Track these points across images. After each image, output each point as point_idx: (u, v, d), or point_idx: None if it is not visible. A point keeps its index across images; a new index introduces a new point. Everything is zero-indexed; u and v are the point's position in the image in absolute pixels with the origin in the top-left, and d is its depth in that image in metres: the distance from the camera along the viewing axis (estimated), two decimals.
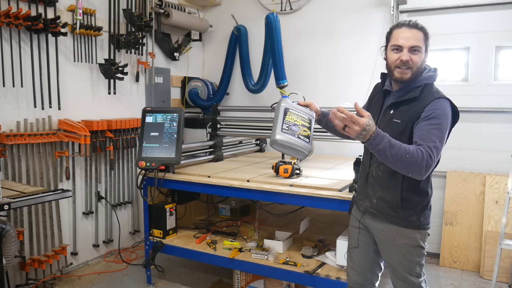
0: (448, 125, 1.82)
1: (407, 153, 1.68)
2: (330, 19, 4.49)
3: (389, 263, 2.03)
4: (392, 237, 1.96)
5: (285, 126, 2.00)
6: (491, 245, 3.56)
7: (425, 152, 1.70)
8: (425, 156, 1.69)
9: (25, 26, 3.05)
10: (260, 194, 2.90)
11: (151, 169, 3.14)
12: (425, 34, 1.87)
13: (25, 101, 3.19)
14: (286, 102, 2.11)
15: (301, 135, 2.01)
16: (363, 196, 2.08)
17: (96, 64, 3.74)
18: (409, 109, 1.87)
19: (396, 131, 1.87)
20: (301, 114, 2.09)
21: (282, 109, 2.07)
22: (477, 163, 3.86)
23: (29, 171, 3.19)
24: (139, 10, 4.05)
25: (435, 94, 1.86)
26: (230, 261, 3.02)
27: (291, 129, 2.00)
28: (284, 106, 2.08)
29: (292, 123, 2.02)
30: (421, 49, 1.86)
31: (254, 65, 4.79)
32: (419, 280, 1.98)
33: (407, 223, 1.92)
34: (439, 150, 1.75)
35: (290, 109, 2.07)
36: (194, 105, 4.96)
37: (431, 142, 1.72)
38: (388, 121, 1.94)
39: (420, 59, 1.87)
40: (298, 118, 2.06)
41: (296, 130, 2.00)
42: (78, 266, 3.73)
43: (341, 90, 4.39)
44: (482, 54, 3.81)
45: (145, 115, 3.22)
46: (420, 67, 1.88)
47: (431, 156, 1.70)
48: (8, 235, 2.58)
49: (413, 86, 1.90)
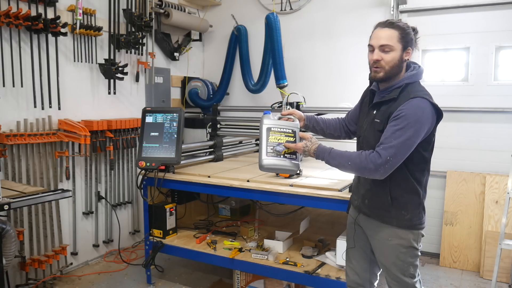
0: (420, 124, 1.77)
1: (349, 160, 1.84)
2: (330, 19, 4.49)
3: (382, 264, 2.04)
4: (385, 237, 1.96)
5: (269, 149, 2.01)
6: (491, 245, 3.56)
7: (371, 153, 1.79)
8: (370, 158, 1.78)
9: (25, 26, 3.05)
10: (260, 194, 2.91)
11: (151, 169, 3.14)
12: (401, 32, 1.84)
13: (25, 101, 3.19)
14: (267, 119, 2.09)
15: (287, 154, 2.02)
16: (357, 196, 2.10)
17: (96, 64, 3.74)
18: (387, 109, 1.88)
19: (376, 131, 1.90)
20: (284, 129, 2.07)
21: (264, 130, 2.06)
22: (477, 163, 3.86)
23: (29, 171, 3.19)
24: (139, 10, 4.05)
25: (411, 94, 1.83)
26: (230, 261, 3.02)
27: (275, 150, 2.01)
28: (265, 126, 2.06)
29: (276, 143, 2.03)
30: (393, 47, 1.83)
31: (254, 65, 4.79)
32: (413, 281, 1.97)
33: (399, 223, 1.91)
34: (399, 148, 1.75)
35: (272, 127, 2.06)
36: (194, 105, 4.96)
37: (386, 144, 1.77)
38: (371, 121, 1.96)
39: (393, 58, 1.84)
40: (281, 135, 2.05)
41: (280, 150, 2.01)
42: (78, 266, 3.73)
43: (341, 90, 4.39)
44: (482, 54, 3.80)
45: (145, 115, 3.22)
46: (395, 66, 1.86)
47: (381, 155, 1.76)
48: (8, 235, 2.58)
49: (395, 87, 1.90)
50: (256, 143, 4.63)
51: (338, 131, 2.27)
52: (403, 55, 1.86)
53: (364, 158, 1.80)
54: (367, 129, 1.98)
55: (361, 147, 2.04)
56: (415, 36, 1.90)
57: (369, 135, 1.96)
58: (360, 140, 2.05)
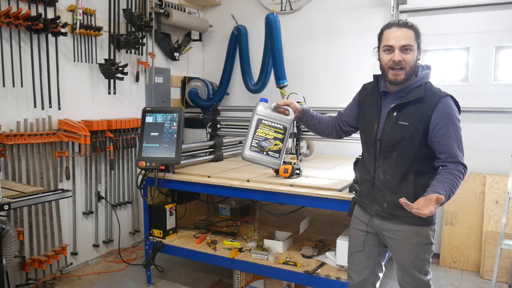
0: (460, 122, 1.86)
1: (456, 186, 1.77)
2: (330, 19, 4.49)
3: (399, 263, 2.02)
4: (405, 236, 1.94)
5: (254, 143, 1.99)
6: (491, 245, 3.56)
7: (461, 169, 1.80)
8: (462, 173, 1.80)
9: (25, 26, 3.05)
10: (260, 194, 2.90)
11: (151, 169, 3.14)
12: (415, 32, 1.86)
13: (25, 101, 3.19)
14: (261, 109, 2.03)
15: (270, 151, 2.00)
16: (370, 201, 2.03)
17: (96, 64, 3.74)
18: (416, 110, 1.86)
19: (405, 134, 1.87)
20: (275, 124, 2.03)
21: (255, 120, 2.02)
22: (477, 163, 3.86)
23: (29, 171, 3.19)
24: (139, 10, 4.05)
25: (438, 92, 1.88)
26: (230, 261, 3.02)
27: (260, 145, 2.00)
28: (257, 117, 2.02)
29: (263, 137, 2.00)
30: (412, 47, 1.84)
31: (254, 65, 4.79)
32: (427, 278, 1.98)
33: (422, 221, 1.88)
34: (463, 149, 1.85)
35: (263, 119, 2.02)
36: (194, 105, 4.96)
37: (455, 151, 1.81)
38: (393, 124, 1.91)
39: (413, 58, 1.85)
40: (270, 130, 2.01)
41: (265, 146, 1.99)
42: (78, 266, 3.73)
43: (341, 90, 4.38)
44: (482, 54, 3.80)
45: (145, 115, 3.22)
46: (414, 66, 1.87)
47: (462, 163, 1.82)
48: (8, 235, 2.58)
49: (414, 86, 1.89)
50: None
51: (330, 129, 2.23)
52: (417, 55, 1.88)
53: (462, 176, 1.80)
54: (390, 133, 1.91)
55: (383, 151, 1.95)
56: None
57: (395, 138, 1.90)
58: (383, 144, 1.94)
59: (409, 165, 1.90)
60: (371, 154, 2.01)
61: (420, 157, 1.89)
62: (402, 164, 1.91)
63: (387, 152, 1.94)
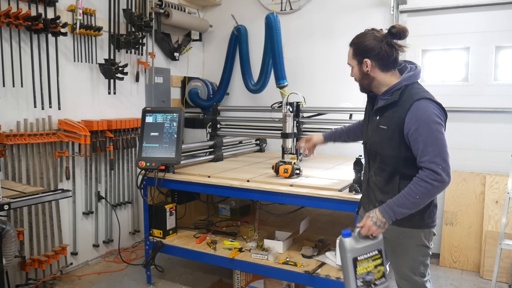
0: (438, 124, 1.79)
1: (415, 195, 1.74)
2: (330, 19, 4.49)
3: (393, 263, 2.03)
4: (396, 236, 1.95)
5: (359, 283, 1.75)
6: (491, 245, 3.56)
7: (425, 175, 1.73)
8: (429, 179, 1.72)
9: (25, 26, 3.05)
10: (260, 194, 2.90)
11: (151, 169, 3.14)
12: (354, 48, 1.97)
13: (25, 101, 3.19)
14: (349, 246, 1.76)
15: (377, 281, 1.79)
16: (368, 200, 2.09)
17: (96, 64, 3.74)
18: (393, 114, 1.87)
19: (384, 138, 1.90)
20: (370, 253, 1.80)
21: (349, 261, 1.75)
22: (477, 163, 3.86)
23: (29, 171, 3.19)
24: (139, 10, 4.05)
25: (414, 96, 1.83)
26: (230, 261, 3.02)
27: (365, 281, 1.77)
28: (350, 256, 1.75)
29: (365, 273, 1.77)
30: (352, 64, 1.99)
31: (254, 65, 4.79)
32: (423, 280, 1.97)
33: (411, 223, 1.90)
34: (439, 150, 1.75)
35: (358, 257, 1.76)
36: (194, 105, 4.96)
37: (427, 155, 1.74)
38: (375, 127, 1.95)
39: (356, 73, 1.98)
40: (369, 262, 1.78)
41: (370, 279, 1.78)
42: (78, 266, 3.73)
43: (341, 90, 4.38)
44: (482, 54, 3.80)
45: (145, 115, 3.23)
46: (362, 79, 1.97)
47: (433, 169, 1.72)
48: (8, 235, 2.58)
49: (395, 89, 1.90)
50: (256, 143, 4.63)
51: (359, 136, 2.37)
52: (362, 68, 1.94)
53: (424, 183, 1.73)
54: (373, 136, 1.96)
55: (369, 154, 2.02)
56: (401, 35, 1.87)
57: (376, 142, 1.95)
58: (368, 147, 2.03)
59: (392, 168, 1.91)
60: (365, 155, 2.10)
61: (403, 160, 1.87)
62: (385, 167, 1.93)
63: (371, 155, 2.01)
